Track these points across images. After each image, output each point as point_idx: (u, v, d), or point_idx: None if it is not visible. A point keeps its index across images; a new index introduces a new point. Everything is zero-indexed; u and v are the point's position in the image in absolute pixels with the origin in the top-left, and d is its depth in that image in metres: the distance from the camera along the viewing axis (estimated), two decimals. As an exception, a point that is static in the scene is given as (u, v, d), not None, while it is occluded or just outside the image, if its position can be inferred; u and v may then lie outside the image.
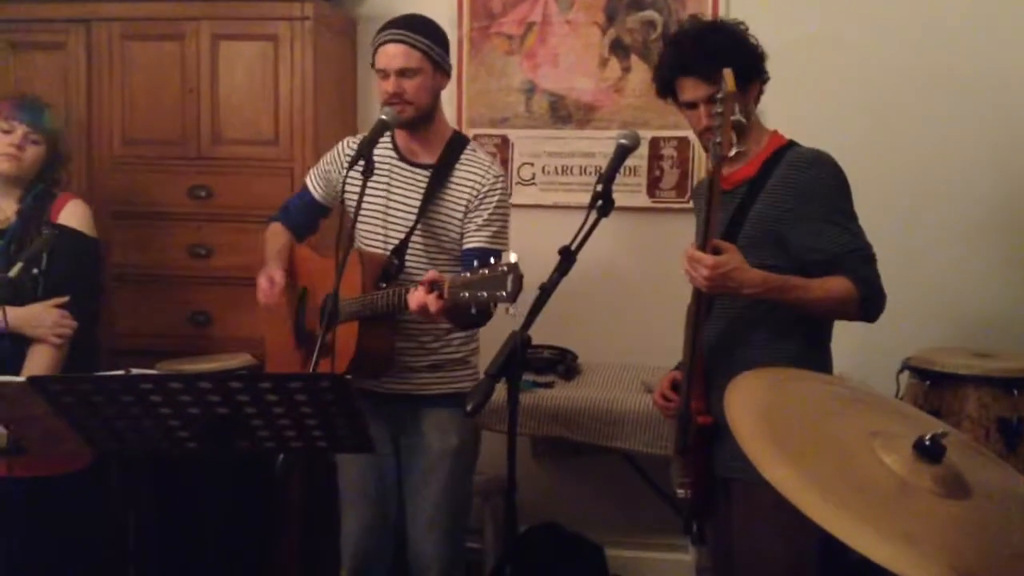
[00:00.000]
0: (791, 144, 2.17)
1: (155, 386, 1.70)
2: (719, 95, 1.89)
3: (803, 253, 2.04)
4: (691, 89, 2.11)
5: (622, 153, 2.05)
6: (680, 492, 2.21)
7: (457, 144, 2.46)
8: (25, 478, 2.42)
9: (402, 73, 2.32)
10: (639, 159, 3.41)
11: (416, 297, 2.06)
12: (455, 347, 2.48)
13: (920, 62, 3.28)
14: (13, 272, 2.36)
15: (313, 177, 2.61)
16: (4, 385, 1.89)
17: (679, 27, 2.64)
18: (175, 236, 3.23)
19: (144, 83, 3.22)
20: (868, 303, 2.04)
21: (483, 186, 2.39)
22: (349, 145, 2.53)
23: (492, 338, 2.30)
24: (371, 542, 2.53)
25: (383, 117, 2.31)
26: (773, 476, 1.17)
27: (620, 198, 2.06)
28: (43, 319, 2.50)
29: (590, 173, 3.48)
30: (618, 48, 3.44)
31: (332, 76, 3.33)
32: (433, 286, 2.02)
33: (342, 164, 2.50)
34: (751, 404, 1.38)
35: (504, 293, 1.86)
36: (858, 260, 2.04)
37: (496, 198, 2.40)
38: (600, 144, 3.46)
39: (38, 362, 2.50)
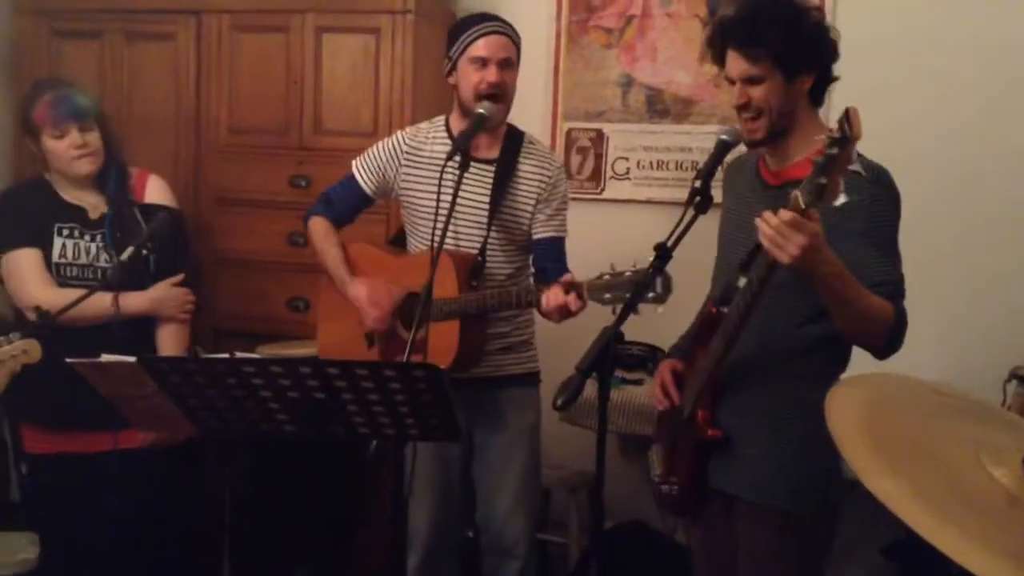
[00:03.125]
0: None
1: (257, 369, 1.75)
2: (836, 135, 1.60)
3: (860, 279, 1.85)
4: (732, 63, 1.96)
5: (722, 149, 2.02)
6: (665, 488, 2.15)
7: (515, 137, 2.50)
8: (128, 450, 2.52)
9: (504, 63, 2.35)
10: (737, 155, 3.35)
11: (556, 299, 2.10)
12: (521, 330, 2.56)
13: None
14: (126, 255, 2.42)
15: (362, 169, 2.58)
16: (116, 365, 1.97)
17: None
18: (276, 223, 3.31)
19: (250, 74, 3.32)
20: (896, 335, 1.86)
21: (551, 177, 2.47)
22: (406, 141, 2.54)
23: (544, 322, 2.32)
24: (439, 529, 2.58)
25: (482, 112, 2.32)
26: (878, 488, 1.13)
27: (717, 194, 2.03)
28: (171, 299, 2.57)
29: (686, 168, 3.44)
30: (719, 42, 3.39)
31: (431, 69, 3.36)
32: (571, 288, 2.06)
33: (399, 159, 2.52)
34: (852, 413, 1.35)
35: (654, 294, 1.87)
36: (896, 292, 1.88)
37: (563, 188, 2.49)
38: (697, 139, 3.41)
39: (172, 341, 2.59)
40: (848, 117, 1.56)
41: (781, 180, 2.01)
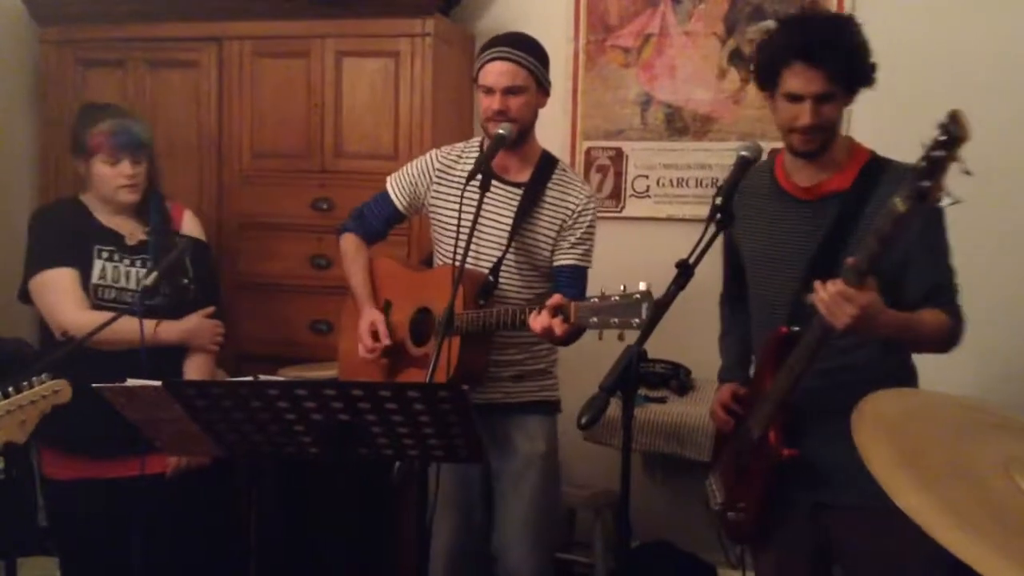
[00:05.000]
0: (880, 158, 2.04)
1: (281, 392, 1.76)
2: (940, 137, 1.57)
3: (915, 286, 1.94)
4: (804, 81, 1.91)
5: (743, 165, 2.00)
6: (731, 515, 2.13)
7: (548, 164, 2.50)
8: (156, 475, 2.53)
9: (508, 91, 2.35)
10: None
11: (541, 321, 2.09)
12: (538, 358, 2.52)
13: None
14: (149, 280, 2.44)
15: (395, 186, 2.60)
16: (142, 389, 1.99)
17: (800, 10, 2.35)
18: (298, 247, 3.34)
19: (272, 99, 3.35)
20: (956, 335, 1.96)
21: (577, 206, 2.44)
22: (438, 159, 2.55)
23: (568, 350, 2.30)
24: (462, 552, 2.56)
25: (501, 132, 2.33)
26: (906, 503, 1.12)
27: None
28: (203, 330, 2.62)
29: (706, 185, 3.43)
30: (737, 59, 3.39)
31: (450, 91, 3.39)
32: (558, 311, 2.05)
33: (430, 176, 2.53)
34: (880, 428, 1.33)
35: (638, 320, 1.88)
36: (951, 292, 1.96)
37: (589, 218, 2.45)
38: (716, 156, 3.41)
39: (198, 371, 2.63)
40: (955, 119, 1.55)
41: (816, 195, 2.03)
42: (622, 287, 1.95)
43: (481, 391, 2.46)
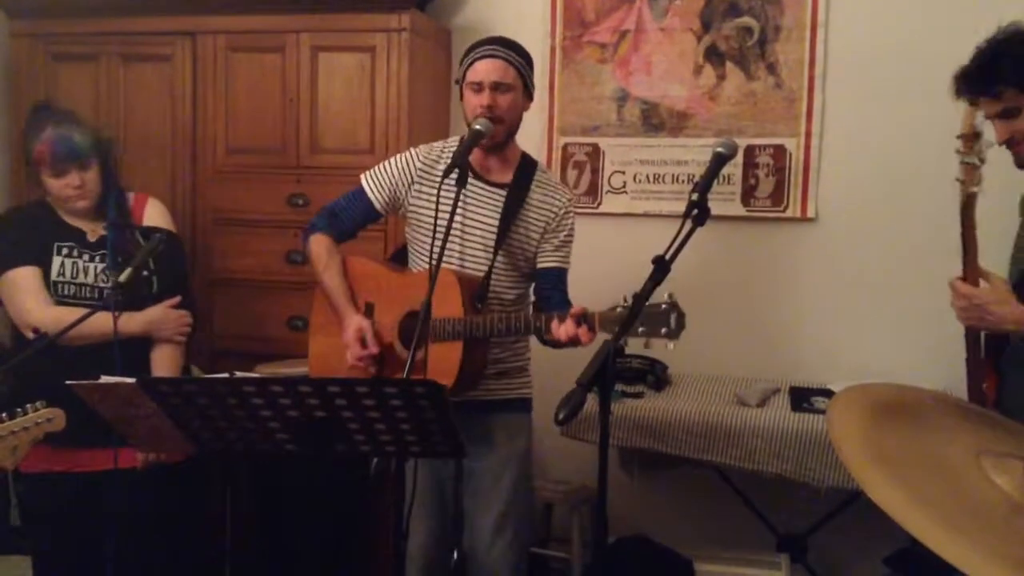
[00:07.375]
0: None
1: (257, 389, 1.75)
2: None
3: None
4: (983, 105, 2.05)
5: (719, 162, 2.02)
6: None
7: (529, 166, 2.52)
8: (129, 469, 2.51)
9: (497, 87, 2.36)
10: (734, 167, 3.35)
11: (567, 330, 2.14)
12: (518, 356, 2.55)
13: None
14: (123, 277, 2.42)
15: (373, 183, 2.54)
16: (115, 386, 1.97)
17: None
18: (274, 243, 3.32)
19: (247, 94, 3.33)
20: None
21: (560, 209, 2.48)
22: (419, 158, 2.52)
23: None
24: (436, 549, 2.55)
25: (478, 127, 2.33)
26: (880, 496, 1.13)
27: (714, 206, 2.03)
28: (167, 320, 2.61)
29: (682, 181, 3.44)
30: (713, 55, 3.40)
31: (426, 86, 3.38)
32: (582, 320, 2.11)
33: (412, 176, 2.51)
34: (853, 421, 1.35)
35: (667, 330, 1.93)
36: None
37: (570, 220, 2.51)
38: (692, 152, 3.42)
39: (165, 362, 2.62)
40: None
41: None
42: (647, 297, 1.95)
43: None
